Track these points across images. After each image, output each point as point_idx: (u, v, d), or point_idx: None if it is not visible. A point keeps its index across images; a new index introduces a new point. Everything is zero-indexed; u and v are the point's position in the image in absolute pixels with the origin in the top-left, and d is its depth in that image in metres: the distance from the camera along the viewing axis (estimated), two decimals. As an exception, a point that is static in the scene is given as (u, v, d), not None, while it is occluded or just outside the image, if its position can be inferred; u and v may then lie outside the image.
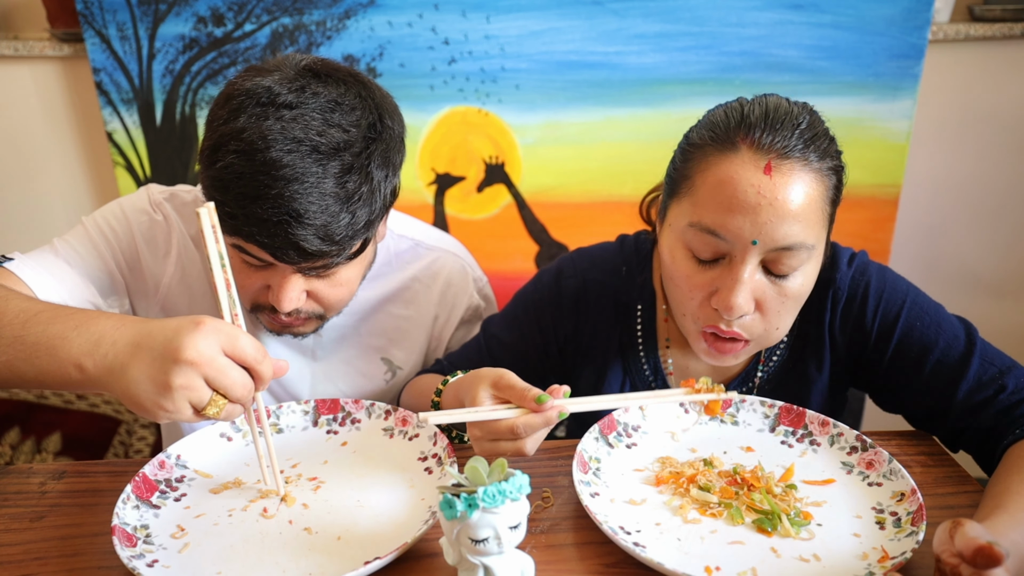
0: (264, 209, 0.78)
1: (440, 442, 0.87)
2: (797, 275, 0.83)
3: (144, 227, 1.01)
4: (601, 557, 0.74)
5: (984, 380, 0.87)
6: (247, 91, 0.81)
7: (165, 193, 1.04)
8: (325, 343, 1.10)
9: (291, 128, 0.79)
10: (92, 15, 1.65)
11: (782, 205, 0.78)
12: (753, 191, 0.78)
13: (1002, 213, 1.89)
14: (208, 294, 1.06)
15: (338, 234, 0.82)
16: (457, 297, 1.13)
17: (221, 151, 0.79)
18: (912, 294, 0.93)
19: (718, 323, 0.84)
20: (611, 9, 1.62)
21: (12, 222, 1.95)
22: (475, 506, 0.60)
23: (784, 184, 0.78)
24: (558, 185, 1.78)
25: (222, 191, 0.80)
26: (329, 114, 0.81)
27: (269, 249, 0.81)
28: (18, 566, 0.75)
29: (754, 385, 1.01)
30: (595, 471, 0.84)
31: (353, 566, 0.70)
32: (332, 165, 0.80)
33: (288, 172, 0.78)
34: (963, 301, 1.97)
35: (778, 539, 0.74)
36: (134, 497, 0.80)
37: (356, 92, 0.85)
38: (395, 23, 1.65)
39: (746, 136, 0.80)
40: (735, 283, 0.81)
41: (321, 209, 0.79)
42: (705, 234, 0.81)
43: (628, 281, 1.02)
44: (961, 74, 1.76)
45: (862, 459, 0.85)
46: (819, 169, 0.80)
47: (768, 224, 0.78)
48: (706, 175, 0.81)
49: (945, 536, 0.63)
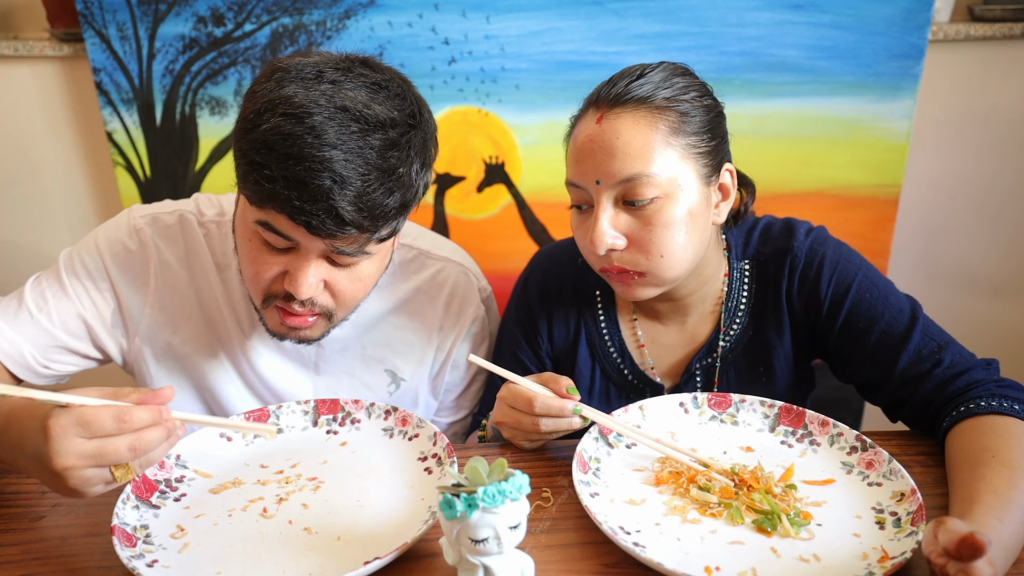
0: (307, 171, 0.77)
1: (440, 442, 0.87)
2: (656, 203, 0.89)
3: (120, 259, 1.01)
4: (601, 557, 0.74)
5: (923, 353, 0.92)
6: (294, 66, 0.82)
7: (147, 217, 1.02)
8: (327, 354, 1.08)
9: (338, 99, 0.79)
10: (92, 15, 1.65)
11: (610, 144, 0.88)
12: (588, 141, 0.90)
13: (1002, 213, 1.89)
14: (191, 320, 1.04)
15: (376, 207, 0.81)
16: (462, 308, 1.12)
17: (267, 114, 0.79)
18: (865, 268, 0.99)
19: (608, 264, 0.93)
20: (611, 9, 1.62)
21: (12, 222, 1.95)
22: (475, 506, 0.60)
23: (612, 128, 0.89)
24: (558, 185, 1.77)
25: (265, 152, 0.79)
26: (374, 94, 0.82)
27: (305, 216, 0.79)
28: (18, 566, 0.75)
29: (718, 355, 1.04)
30: (595, 471, 0.84)
31: (353, 566, 0.70)
32: (375, 137, 0.80)
33: (333, 137, 0.78)
34: (963, 301, 1.97)
35: (778, 539, 0.74)
36: (134, 497, 0.80)
37: (399, 83, 0.86)
38: (395, 23, 1.65)
39: (592, 102, 0.93)
40: (596, 222, 0.90)
41: (362, 177, 0.79)
42: (571, 187, 0.94)
43: (584, 271, 1.08)
44: (961, 74, 1.76)
45: (862, 459, 0.85)
46: (651, 111, 0.89)
47: (602, 164, 0.89)
48: (569, 140, 0.95)
49: (931, 536, 0.63)
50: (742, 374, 1.05)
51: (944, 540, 0.61)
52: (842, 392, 1.87)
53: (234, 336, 1.05)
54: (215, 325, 1.05)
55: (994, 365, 0.91)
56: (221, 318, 1.04)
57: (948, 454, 0.84)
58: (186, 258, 1.03)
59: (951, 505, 0.76)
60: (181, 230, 1.03)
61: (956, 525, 0.61)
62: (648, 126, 0.88)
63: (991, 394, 0.85)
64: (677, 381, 1.06)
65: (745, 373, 1.05)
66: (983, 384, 0.87)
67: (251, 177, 0.80)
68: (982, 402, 0.84)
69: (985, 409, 0.83)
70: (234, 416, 0.96)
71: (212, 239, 1.04)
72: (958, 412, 0.85)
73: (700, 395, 0.96)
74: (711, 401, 0.95)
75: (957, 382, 0.89)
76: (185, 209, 1.04)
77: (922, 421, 0.93)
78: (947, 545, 0.60)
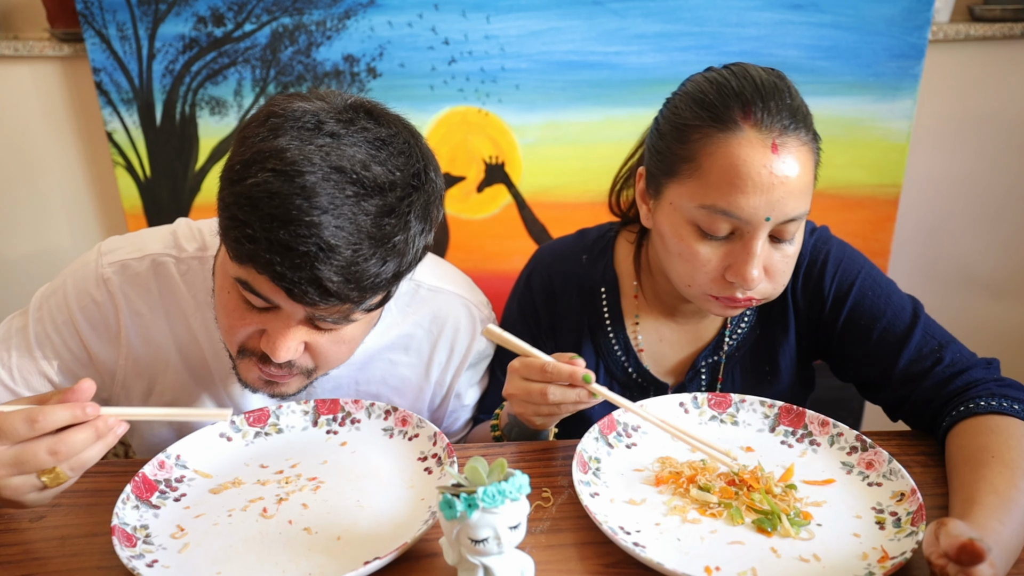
0: (292, 236, 0.70)
1: (440, 442, 0.87)
2: (796, 239, 0.89)
3: (88, 312, 0.95)
4: (601, 557, 0.74)
5: (924, 352, 0.92)
6: (291, 112, 0.75)
7: (115, 265, 0.95)
8: (319, 394, 1.03)
9: (335, 157, 0.72)
10: (92, 15, 1.65)
11: (790, 182, 0.82)
12: (766, 172, 0.82)
13: (1002, 213, 1.89)
14: (170, 367, 0.99)
15: (364, 279, 0.74)
16: (462, 343, 1.06)
17: (255, 167, 0.72)
18: (868, 267, 0.99)
19: (733, 293, 0.88)
20: (611, 9, 1.62)
21: (12, 222, 1.95)
22: (475, 506, 0.60)
23: (789, 160, 0.82)
24: (558, 185, 1.78)
25: (248, 210, 0.72)
26: (375, 151, 0.75)
27: (287, 283, 0.73)
28: (18, 566, 0.75)
29: (723, 353, 1.04)
30: (595, 471, 0.84)
31: (353, 566, 0.70)
32: (372, 203, 0.73)
33: (325, 201, 0.71)
34: (963, 301, 1.97)
35: (778, 539, 0.74)
36: (134, 497, 0.80)
37: (405, 138, 0.79)
38: (395, 23, 1.65)
39: (745, 115, 0.83)
40: (750, 257, 0.85)
41: (352, 247, 0.72)
42: (719, 215, 0.84)
43: (590, 268, 1.07)
44: (961, 74, 1.76)
45: (862, 459, 0.85)
46: (808, 141, 0.85)
47: (780, 201, 0.82)
48: (714, 157, 0.84)
49: (932, 538, 0.63)
50: (747, 373, 1.05)
51: (945, 544, 0.61)
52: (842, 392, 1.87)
53: (217, 379, 1.00)
54: (196, 370, 1.00)
55: (995, 364, 0.91)
56: (203, 362, 0.99)
57: (948, 454, 0.84)
58: (161, 304, 0.96)
59: (951, 506, 0.76)
60: (153, 276, 0.96)
61: (958, 528, 0.61)
62: (810, 159, 0.85)
63: (991, 393, 0.85)
64: (682, 379, 1.06)
65: (750, 372, 1.05)
66: (983, 383, 0.87)
67: (232, 233, 0.74)
68: (982, 402, 0.84)
69: (985, 409, 0.83)
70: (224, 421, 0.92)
71: (192, 277, 0.96)
72: (958, 412, 0.85)
73: (700, 395, 0.96)
74: (711, 401, 0.95)
75: (957, 381, 0.89)
76: (158, 250, 0.96)
77: (922, 420, 0.93)
78: (948, 550, 0.60)
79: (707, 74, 0.90)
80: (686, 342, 1.05)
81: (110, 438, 0.71)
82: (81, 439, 0.69)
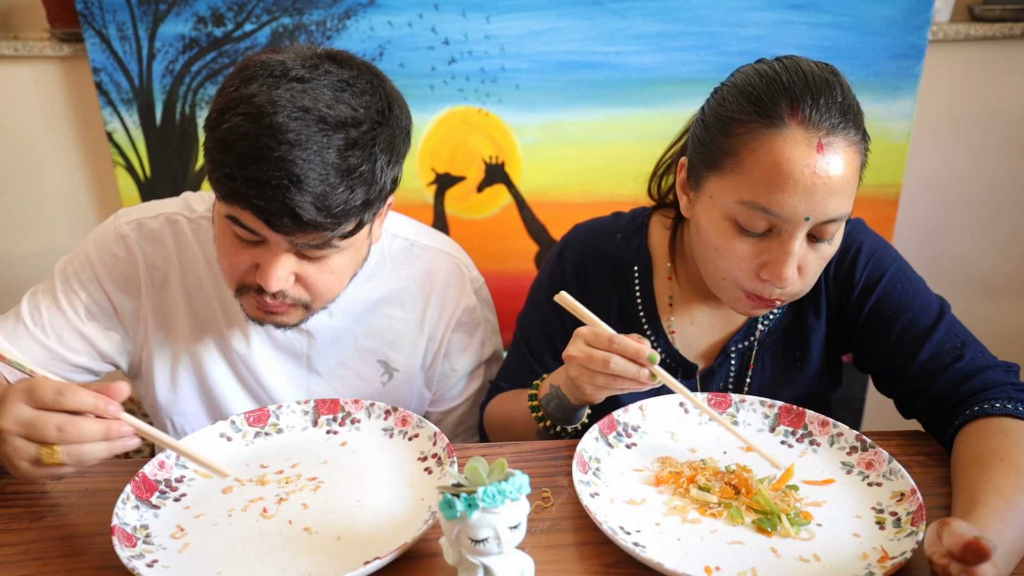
0: (264, 171, 0.78)
1: (440, 442, 0.87)
2: (835, 239, 0.88)
3: (110, 267, 1.02)
4: (601, 557, 0.74)
5: (946, 348, 0.92)
6: (261, 63, 0.83)
7: (132, 223, 1.03)
8: (319, 346, 1.08)
9: (300, 98, 0.80)
10: (92, 15, 1.65)
11: (833, 182, 0.81)
12: (809, 171, 0.80)
13: (1002, 213, 1.89)
14: (182, 318, 1.05)
15: (335, 206, 0.81)
16: (452, 298, 1.12)
17: (228, 114, 0.80)
18: (900, 261, 0.99)
19: (764, 291, 0.88)
20: (611, 9, 1.62)
21: (12, 222, 1.95)
22: (475, 506, 0.60)
23: (834, 161, 0.81)
24: (558, 185, 1.78)
25: (224, 152, 0.80)
26: (339, 92, 0.82)
27: (264, 215, 0.81)
28: (18, 566, 0.75)
29: (755, 338, 1.04)
30: (595, 471, 0.84)
31: (353, 566, 0.70)
32: (336, 137, 0.80)
33: (292, 137, 0.78)
34: (963, 301, 1.97)
35: (778, 539, 0.74)
36: (134, 497, 0.80)
37: (368, 79, 0.86)
38: (395, 23, 1.65)
39: (793, 112, 0.81)
40: (787, 256, 0.84)
41: (321, 177, 0.80)
42: (757, 212, 0.84)
43: (623, 246, 1.07)
44: (961, 74, 1.76)
45: (862, 459, 0.85)
46: (856, 141, 0.83)
47: (821, 202, 0.81)
48: (758, 154, 0.83)
49: (934, 537, 0.63)
50: (778, 359, 1.04)
51: (949, 543, 0.60)
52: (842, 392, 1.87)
53: (225, 330, 1.06)
54: (206, 322, 1.06)
55: (1014, 369, 0.90)
56: (212, 314, 1.06)
57: (955, 452, 0.83)
58: (174, 258, 1.04)
59: (954, 505, 0.76)
60: (166, 232, 1.04)
61: (961, 528, 0.61)
62: (856, 159, 0.83)
63: (1008, 397, 0.85)
64: (711, 363, 1.05)
65: (781, 358, 1.04)
66: (1000, 386, 0.86)
67: (215, 174, 0.82)
68: (997, 403, 0.84)
69: (999, 411, 0.83)
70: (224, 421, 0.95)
71: (202, 235, 1.04)
72: (971, 411, 0.85)
73: (700, 395, 0.96)
74: (711, 401, 0.95)
75: (974, 380, 0.88)
76: (171, 210, 1.05)
77: (934, 417, 0.92)
78: (952, 548, 0.60)
79: (757, 66, 0.88)
80: (718, 326, 1.05)
81: (117, 444, 0.74)
82: (90, 429, 0.72)
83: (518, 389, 1.10)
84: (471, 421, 1.19)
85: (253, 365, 1.07)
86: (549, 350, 1.10)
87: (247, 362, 1.07)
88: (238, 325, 1.06)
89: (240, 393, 1.09)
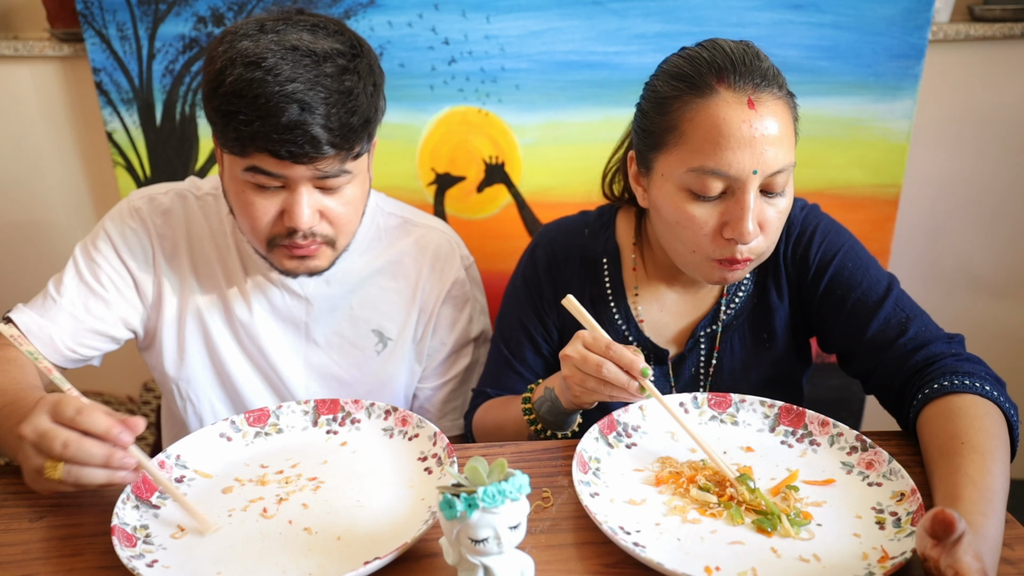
0: (277, 108, 0.86)
1: (440, 442, 0.87)
2: (786, 191, 0.92)
3: (126, 239, 1.11)
4: (601, 557, 0.74)
5: (892, 322, 0.96)
6: (238, 27, 0.91)
7: (144, 199, 1.12)
8: (317, 315, 1.13)
9: (286, 41, 0.89)
10: (92, 15, 1.65)
11: (770, 133, 0.86)
12: (747, 126, 0.86)
13: (1002, 213, 1.89)
14: (188, 286, 1.12)
15: (344, 125, 0.89)
16: (444, 270, 1.17)
17: (227, 71, 0.88)
18: (851, 242, 1.04)
19: (732, 253, 0.90)
20: (611, 9, 1.62)
21: (12, 222, 1.95)
22: (475, 506, 0.60)
23: (767, 114, 0.86)
24: (558, 185, 1.78)
25: (236, 101, 0.87)
26: (314, 34, 0.92)
27: (286, 147, 0.87)
28: (18, 566, 0.75)
29: (722, 322, 1.06)
30: (595, 471, 0.84)
31: (353, 566, 0.70)
32: (327, 66, 0.89)
33: (290, 72, 0.87)
34: (963, 301, 1.97)
35: (778, 539, 0.74)
36: (134, 497, 0.80)
37: (334, 23, 0.96)
38: (395, 23, 1.65)
39: (719, 80, 0.88)
40: (744, 211, 0.88)
41: (325, 101, 0.88)
42: (708, 175, 0.88)
43: (591, 240, 1.11)
44: (961, 74, 1.76)
45: (862, 459, 0.85)
46: (782, 96, 0.89)
47: (763, 153, 0.86)
48: (696, 122, 0.88)
49: (923, 533, 0.64)
50: (746, 340, 1.07)
51: (922, 524, 0.62)
52: (842, 392, 1.88)
53: (229, 299, 1.13)
54: (211, 290, 1.13)
55: (956, 339, 0.93)
56: (216, 283, 1.13)
57: (922, 445, 0.86)
58: (183, 228, 1.12)
59: (935, 502, 0.76)
60: (176, 205, 1.12)
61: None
62: (787, 112, 0.89)
63: (951, 371, 0.87)
64: (682, 349, 1.08)
65: (749, 338, 1.07)
66: (941, 359, 0.89)
67: (230, 127, 0.89)
68: (944, 381, 0.86)
69: (947, 389, 0.85)
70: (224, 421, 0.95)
71: (208, 210, 1.13)
72: (922, 395, 0.87)
73: (700, 395, 0.96)
74: (711, 401, 0.95)
75: (917, 356, 0.91)
76: (180, 187, 1.14)
77: (888, 395, 0.95)
78: (924, 527, 0.62)
79: (680, 52, 0.94)
80: (686, 312, 1.08)
81: (117, 474, 0.75)
82: (93, 452, 0.73)
83: (505, 396, 1.11)
84: (458, 401, 1.22)
85: (255, 333, 1.12)
86: (530, 347, 1.13)
87: (249, 330, 1.12)
88: (242, 295, 1.12)
89: (243, 360, 1.15)
